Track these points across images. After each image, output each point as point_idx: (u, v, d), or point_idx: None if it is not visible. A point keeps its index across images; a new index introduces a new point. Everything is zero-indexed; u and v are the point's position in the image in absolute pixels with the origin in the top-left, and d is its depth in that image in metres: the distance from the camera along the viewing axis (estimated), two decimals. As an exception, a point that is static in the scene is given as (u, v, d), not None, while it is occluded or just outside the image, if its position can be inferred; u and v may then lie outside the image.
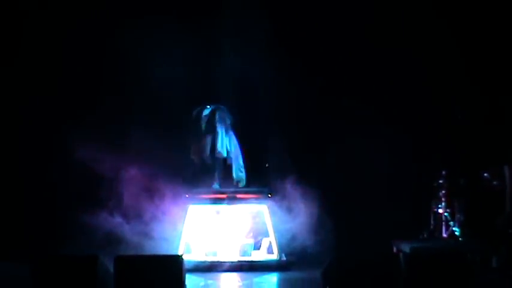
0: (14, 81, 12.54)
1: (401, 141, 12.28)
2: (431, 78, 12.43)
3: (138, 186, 11.69)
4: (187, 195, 11.55)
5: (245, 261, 11.28)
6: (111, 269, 8.59)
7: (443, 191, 11.41)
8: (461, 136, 11.98)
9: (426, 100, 12.45)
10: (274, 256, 11.40)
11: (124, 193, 11.65)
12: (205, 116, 11.84)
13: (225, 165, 11.95)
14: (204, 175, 11.88)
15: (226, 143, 11.82)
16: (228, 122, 11.91)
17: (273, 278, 10.77)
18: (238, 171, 11.91)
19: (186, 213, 11.43)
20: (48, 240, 11.78)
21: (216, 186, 11.91)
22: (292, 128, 12.55)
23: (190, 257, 11.14)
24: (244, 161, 11.95)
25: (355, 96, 12.53)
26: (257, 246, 11.73)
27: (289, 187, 11.58)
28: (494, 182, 11.15)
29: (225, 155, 11.79)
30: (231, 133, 11.94)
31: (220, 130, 11.79)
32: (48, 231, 12.13)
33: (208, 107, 11.91)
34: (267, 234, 11.57)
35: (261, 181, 11.98)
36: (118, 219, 11.50)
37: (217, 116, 11.83)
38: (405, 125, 12.43)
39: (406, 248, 10.55)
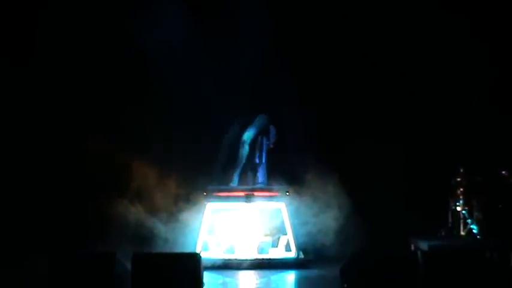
0: (31, 75, 12.58)
1: (419, 139, 12.28)
2: (447, 73, 12.40)
3: (158, 183, 11.77)
4: (205, 193, 11.58)
5: (263, 259, 11.30)
6: (129, 266, 8.63)
7: (461, 189, 11.36)
8: (478, 133, 11.92)
9: (443, 97, 12.42)
10: (292, 254, 11.41)
11: (142, 190, 11.72)
12: (262, 124, 12.19)
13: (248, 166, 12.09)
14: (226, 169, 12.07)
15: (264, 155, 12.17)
16: (272, 140, 12.20)
17: (290, 276, 10.78)
18: (264, 178, 12.14)
19: (204, 211, 11.46)
20: (70, 237, 11.85)
21: (234, 184, 11.96)
22: (311, 127, 12.56)
23: (208, 254, 11.17)
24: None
25: (371, 95, 12.55)
26: (275, 244, 11.75)
27: (307, 185, 11.62)
28: (512, 180, 11.13)
29: (261, 162, 12.11)
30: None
31: (266, 142, 12.13)
32: (70, 227, 12.20)
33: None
34: (284, 232, 11.59)
35: (280, 179, 12.02)
36: (137, 216, 11.57)
37: (271, 129, 12.18)
38: (423, 123, 12.43)
39: (424, 245, 10.51)
